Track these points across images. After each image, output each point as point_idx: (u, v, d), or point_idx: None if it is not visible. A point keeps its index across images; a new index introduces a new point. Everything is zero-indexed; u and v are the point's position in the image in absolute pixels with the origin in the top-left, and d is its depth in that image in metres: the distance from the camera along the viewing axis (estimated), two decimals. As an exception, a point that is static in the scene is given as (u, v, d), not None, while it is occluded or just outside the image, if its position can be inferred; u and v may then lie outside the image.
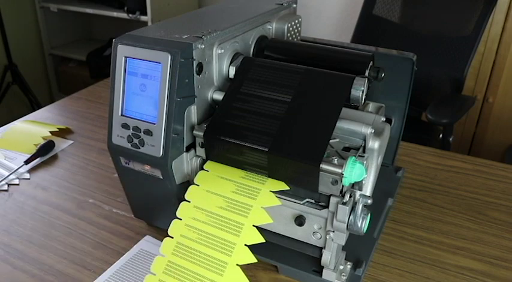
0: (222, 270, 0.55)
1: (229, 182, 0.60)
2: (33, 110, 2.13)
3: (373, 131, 0.58)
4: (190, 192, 0.61)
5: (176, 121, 0.58)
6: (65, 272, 0.67)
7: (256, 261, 0.55)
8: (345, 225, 0.56)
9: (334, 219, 0.56)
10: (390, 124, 0.67)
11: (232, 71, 0.65)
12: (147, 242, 0.72)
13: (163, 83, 0.56)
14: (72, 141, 1.02)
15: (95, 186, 0.86)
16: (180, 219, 0.59)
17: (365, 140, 0.59)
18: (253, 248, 0.55)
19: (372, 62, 0.64)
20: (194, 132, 0.61)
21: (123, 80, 0.59)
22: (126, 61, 0.58)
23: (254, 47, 0.70)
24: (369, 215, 0.56)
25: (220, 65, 0.64)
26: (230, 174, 0.61)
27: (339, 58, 0.66)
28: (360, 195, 0.56)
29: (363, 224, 0.55)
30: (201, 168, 0.63)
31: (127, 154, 0.62)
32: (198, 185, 0.61)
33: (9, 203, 0.82)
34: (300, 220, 0.60)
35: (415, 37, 1.64)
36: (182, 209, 0.59)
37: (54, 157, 0.96)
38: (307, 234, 0.61)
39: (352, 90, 0.58)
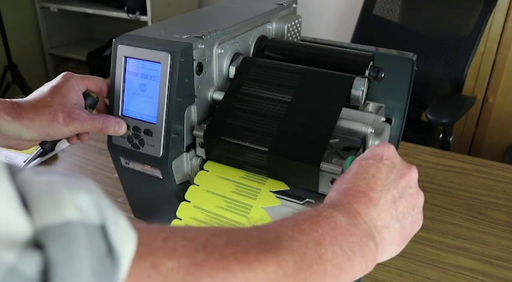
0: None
1: (229, 182, 0.60)
2: (33, 110, 2.12)
3: (373, 131, 0.58)
4: (190, 192, 0.61)
5: (176, 121, 0.58)
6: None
7: None
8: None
9: (334, 219, 0.56)
10: (390, 124, 0.67)
11: (232, 71, 0.65)
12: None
13: (163, 83, 0.56)
14: (72, 141, 1.02)
15: (95, 186, 0.86)
16: (180, 219, 0.59)
17: (365, 140, 0.59)
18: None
19: (372, 62, 0.64)
20: (194, 132, 0.61)
21: (123, 80, 0.59)
22: (126, 61, 0.58)
23: (254, 47, 0.70)
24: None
25: (220, 65, 0.64)
26: (230, 174, 0.61)
27: (339, 58, 0.66)
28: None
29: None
30: (201, 168, 0.63)
31: (127, 154, 0.62)
32: (198, 185, 0.61)
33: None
34: (300, 220, 0.60)
35: (415, 37, 1.64)
36: (182, 209, 0.59)
37: (54, 157, 0.96)
38: (307, 234, 0.61)
39: (352, 90, 0.58)
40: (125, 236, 0.25)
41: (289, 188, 0.58)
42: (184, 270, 0.27)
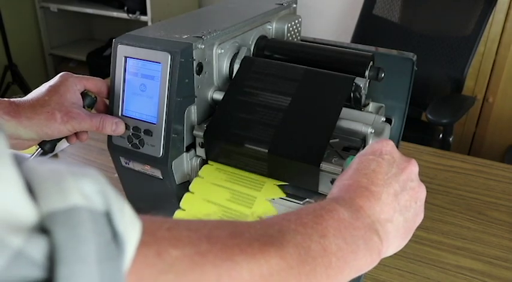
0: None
1: (215, 205, 0.59)
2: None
3: (373, 131, 0.58)
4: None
5: (176, 121, 0.58)
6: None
7: None
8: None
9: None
10: (390, 124, 0.67)
11: (236, 66, 0.64)
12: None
13: (163, 83, 0.56)
14: (72, 141, 1.02)
15: (95, 186, 0.86)
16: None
17: (365, 140, 0.59)
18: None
19: (372, 62, 0.64)
20: (194, 132, 0.61)
21: (123, 80, 0.59)
22: (126, 61, 0.58)
23: (254, 47, 0.70)
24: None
25: (220, 65, 0.64)
26: (215, 197, 0.60)
27: (339, 58, 0.66)
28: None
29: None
30: (201, 167, 0.63)
31: (127, 154, 0.62)
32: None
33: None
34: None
35: (415, 37, 1.64)
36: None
37: (55, 157, 0.96)
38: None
39: (352, 90, 0.58)
40: (130, 224, 0.25)
41: (277, 213, 0.58)
42: (188, 259, 0.27)
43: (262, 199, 0.57)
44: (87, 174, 0.24)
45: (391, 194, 0.40)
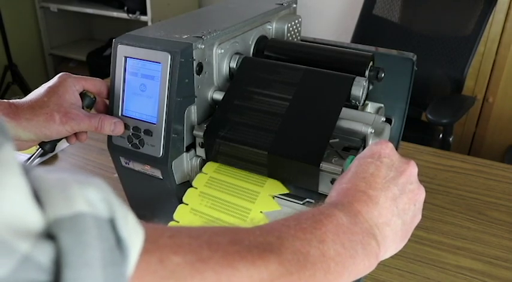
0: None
1: (209, 217, 0.59)
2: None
3: (373, 131, 0.58)
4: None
5: (176, 121, 0.58)
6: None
7: None
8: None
9: (334, 219, 0.56)
10: (390, 124, 0.67)
11: (233, 64, 0.64)
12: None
13: (163, 83, 0.56)
14: (72, 141, 1.02)
15: (95, 186, 0.86)
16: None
17: (365, 140, 0.59)
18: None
19: (372, 62, 0.64)
20: (194, 132, 0.61)
21: (123, 80, 0.59)
22: (126, 61, 0.58)
23: (254, 47, 0.70)
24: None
25: (220, 65, 0.64)
26: (208, 208, 0.59)
27: (339, 58, 0.66)
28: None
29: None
30: (201, 168, 0.63)
31: (127, 154, 0.62)
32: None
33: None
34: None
35: (415, 37, 1.64)
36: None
37: (54, 157, 0.96)
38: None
39: (352, 90, 0.58)
40: (133, 231, 0.25)
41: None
42: (190, 266, 0.28)
43: (257, 211, 0.57)
44: (92, 182, 0.24)
45: (390, 198, 0.40)
